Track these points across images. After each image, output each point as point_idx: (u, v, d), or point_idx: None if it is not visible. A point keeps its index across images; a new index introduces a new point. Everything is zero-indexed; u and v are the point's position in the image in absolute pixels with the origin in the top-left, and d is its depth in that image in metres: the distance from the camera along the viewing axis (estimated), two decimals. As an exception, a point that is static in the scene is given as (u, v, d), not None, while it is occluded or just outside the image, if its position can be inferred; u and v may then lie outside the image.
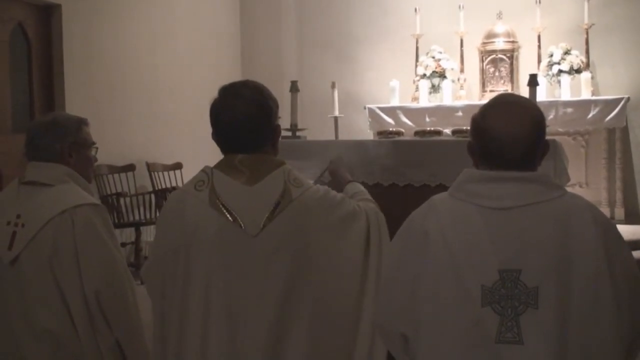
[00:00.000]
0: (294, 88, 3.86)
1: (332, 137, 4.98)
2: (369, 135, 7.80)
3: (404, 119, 7.78)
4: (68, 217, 2.40)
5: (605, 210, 7.08)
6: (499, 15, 7.88)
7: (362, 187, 2.48)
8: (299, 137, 3.80)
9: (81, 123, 2.61)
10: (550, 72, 7.60)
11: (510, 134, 1.77)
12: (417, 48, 8.10)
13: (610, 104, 7.19)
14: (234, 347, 1.97)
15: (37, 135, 2.55)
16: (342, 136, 5.28)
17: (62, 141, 2.53)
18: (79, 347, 2.37)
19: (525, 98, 2.01)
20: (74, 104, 6.08)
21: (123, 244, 6.29)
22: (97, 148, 2.67)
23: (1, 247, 2.41)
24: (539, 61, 7.69)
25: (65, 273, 2.37)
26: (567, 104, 7.30)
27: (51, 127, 2.54)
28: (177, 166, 7.37)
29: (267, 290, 1.98)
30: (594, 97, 7.37)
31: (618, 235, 1.78)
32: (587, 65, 7.53)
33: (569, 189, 1.85)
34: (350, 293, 2.10)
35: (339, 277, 2.08)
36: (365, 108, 8.04)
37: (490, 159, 1.81)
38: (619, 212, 7.27)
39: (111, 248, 2.44)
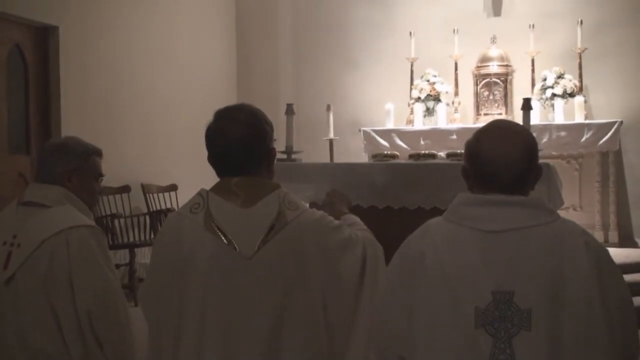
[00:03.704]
0: (290, 111, 3.89)
1: (328, 160, 5.01)
2: (364, 157, 7.82)
3: (399, 142, 7.81)
4: (63, 238, 2.42)
5: (599, 234, 7.09)
6: (493, 40, 7.95)
7: (357, 219, 2.45)
8: (294, 159, 3.82)
9: (92, 153, 2.65)
10: (543, 96, 7.65)
11: (503, 157, 1.80)
12: (412, 71, 8.15)
13: (604, 128, 7.23)
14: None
15: (44, 156, 2.61)
16: (338, 159, 5.31)
17: (64, 165, 2.57)
18: (71, 367, 2.37)
19: (517, 124, 2.05)
20: (70, 125, 6.11)
21: (117, 266, 6.26)
22: (102, 179, 2.70)
23: None
24: (533, 85, 7.74)
25: (59, 293, 2.38)
26: (560, 127, 7.34)
27: (58, 150, 2.60)
28: (172, 188, 7.35)
29: (261, 312, 1.98)
30: (587, 121, 7.41)
31: (610, 260, 1.80)
32: (581, 89, 7.58)
33: (562, 213, 1.87)
34: (341, 320, 2.08)
35: (331, 303, 2.06)
36: (360, 131, 8.07)
37: (484, 183, 1.84)
38: (613, 236, 7.27)
39: (105, 269, 2.46)
